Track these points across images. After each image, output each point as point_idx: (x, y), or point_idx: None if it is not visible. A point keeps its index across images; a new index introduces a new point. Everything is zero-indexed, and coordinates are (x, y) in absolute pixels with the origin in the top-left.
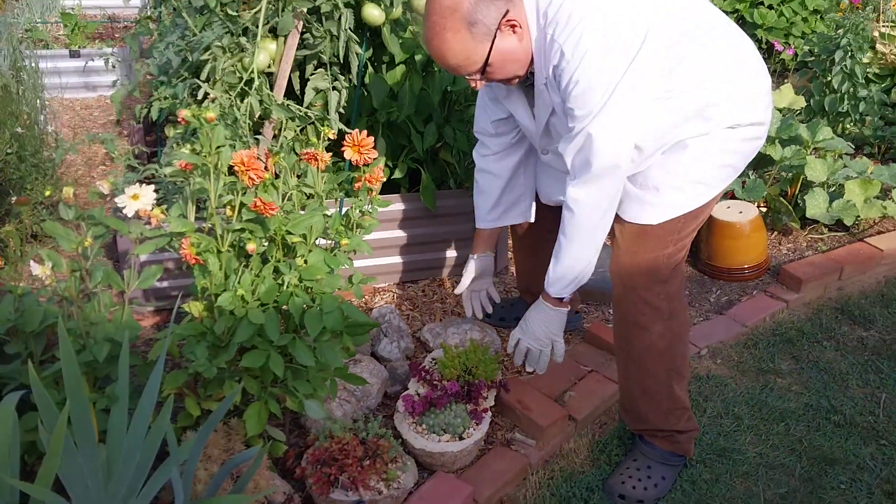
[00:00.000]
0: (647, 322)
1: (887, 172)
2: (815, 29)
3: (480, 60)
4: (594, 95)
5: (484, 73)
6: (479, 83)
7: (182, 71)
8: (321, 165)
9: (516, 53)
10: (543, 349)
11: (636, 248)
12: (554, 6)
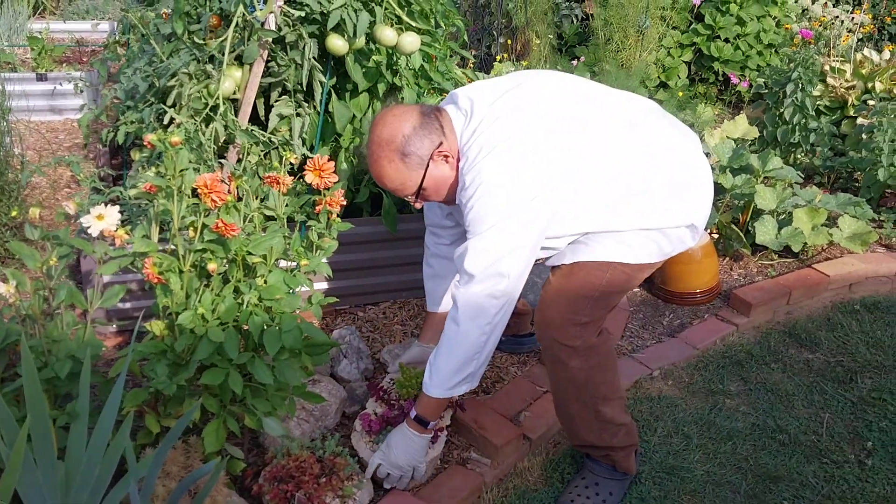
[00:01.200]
0: (565, 357)
1: (834, 201)
2: (770, 62)
3: (414, 186)
4: (482, 224)
5: (419, 196)
6: (417, 203)
7: (149, 96)
8: (283, 189)
9: (449, 180)
10: (405, 475)
11: (563, 283)
12: (469, 143)
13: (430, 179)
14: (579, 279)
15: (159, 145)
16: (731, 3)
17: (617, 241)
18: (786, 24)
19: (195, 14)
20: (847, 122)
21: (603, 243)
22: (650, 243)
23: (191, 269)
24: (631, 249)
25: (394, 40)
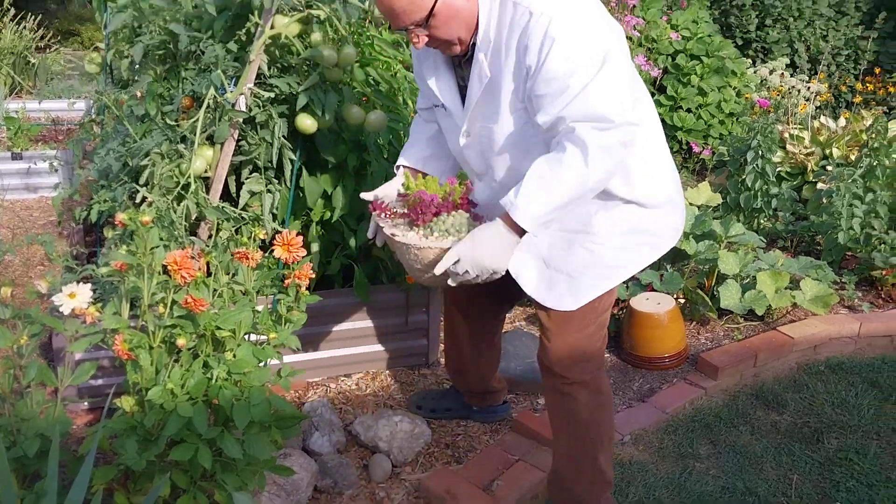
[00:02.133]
0: (574, 392)
1: (796, 264)
2: (732, 131)
3: (426, 8)
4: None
5: (427, 26)
6: (421, 39)
7: (122, 175)
8: (252, 263)
9: (462, 12)
10: (481, 277)
11: (561, 330)
12: None
13: (443, 4)
14: (577, 319)
15: (130, 224)
16: (692, 75)
17: (607, 266)
18: (745, 93)
19: (168, 95)
20: (808, 187)
21: (594, 273)
22: (641, 246)
23: (160, 344)
24: (617, 270)
25: (361, 118)
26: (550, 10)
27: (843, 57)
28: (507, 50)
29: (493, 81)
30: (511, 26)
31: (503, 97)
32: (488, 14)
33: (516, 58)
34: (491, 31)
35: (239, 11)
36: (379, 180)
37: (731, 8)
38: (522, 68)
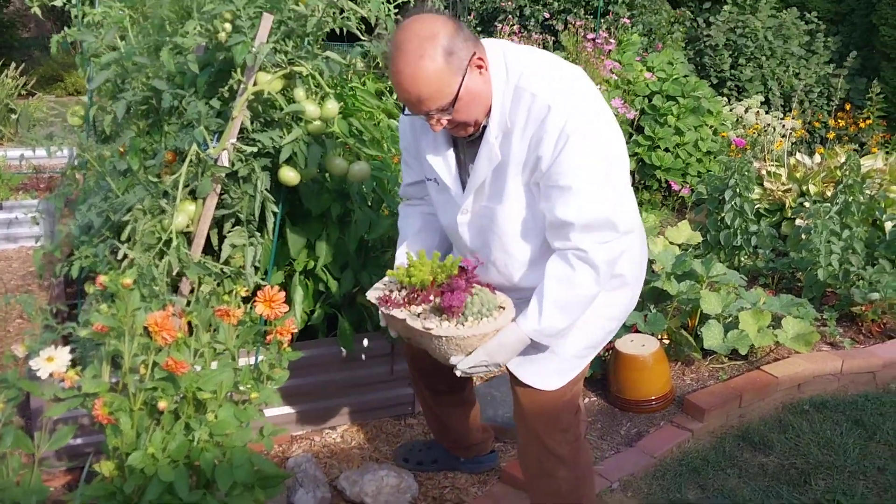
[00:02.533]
0: (552, 468)
1: (778, 303)
2: (710, 168)
3: (452, 94)
4: (595, 168)
5: (451, 111)
6: (440, 123)
7: (104, 230)
8: (233, 321)
9: (482, 95)
10: (490, 369)
11: (537, 398)
12: (516, 60)
13: (465, 91)
14: (552, 391)
15: (111, 286)
16: (669, 115)
17: (588, 347)
18: (722, 132)
19: (150, 150)
20: (787, 224)
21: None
22: (614, 321)
23: (141, 407)
24: (596, 348)
25: (344, 170)
26: (568, 107)
27: (816, 94)
28: (520, 138)
29: (501, 164)
30: (528, 116)
31: (510, 181)
32: (502, 98)
33: (529, 146)
34: (505, 116)
35: (221, 67)
36: (363, 228)
37: (705, 48)
38: (533, 157)
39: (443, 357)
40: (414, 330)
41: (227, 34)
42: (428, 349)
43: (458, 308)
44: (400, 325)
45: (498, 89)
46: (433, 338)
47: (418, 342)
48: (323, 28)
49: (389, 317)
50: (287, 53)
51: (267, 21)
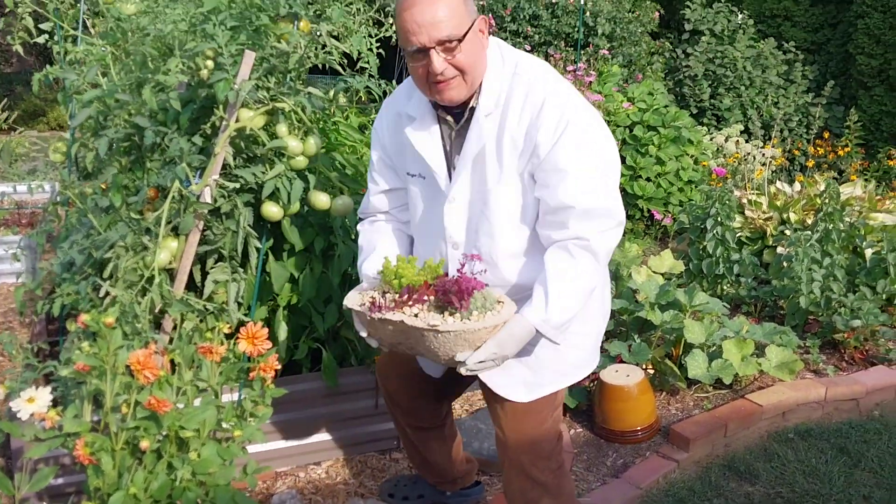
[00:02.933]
0: (536, 498)
1: (761, 331)
2: (691, 197)
3: (465, 28)
4: (594, 158)
5: (456, 48)
6: (440, 63)
7: (86, 268)
8: (216, 358)
9: (480, 58)
10: (497, 364)
11: (517, 425)
12: (511, 52)
13: (470, 38)
14: (533, 413)
15: (93, 325)
16: (650, 145)
17: (569, 364)
18: (703, 161)
19: (133, 187)
20: (768, 252)
21: (554, 369)
22: (597, 348)
23: (123, 446)
24: (576, 369)
25: (327, 204)
26: (566, 98)
27: (795, 122)
28: (517, 121)
29: (496, 146)
30: (525, 101)
31: (504, 163)
32: (496, 81)
33: (526, 134)
34: (500, 98)
35: (204, 104)
36: (346, 262)
37: (685, 78)
38: (530, 144)
39: (445, 356)
40: (409, 332)
41: (210, 71)
42: (424, 352)
43: (468, 301)
44: (387, 331)
45: (492, 69)
46: (437, 336)
47: (409, 348)
48: (305, 65)
49: (375, 323)
50: (269, 90)
51: (249, 58)
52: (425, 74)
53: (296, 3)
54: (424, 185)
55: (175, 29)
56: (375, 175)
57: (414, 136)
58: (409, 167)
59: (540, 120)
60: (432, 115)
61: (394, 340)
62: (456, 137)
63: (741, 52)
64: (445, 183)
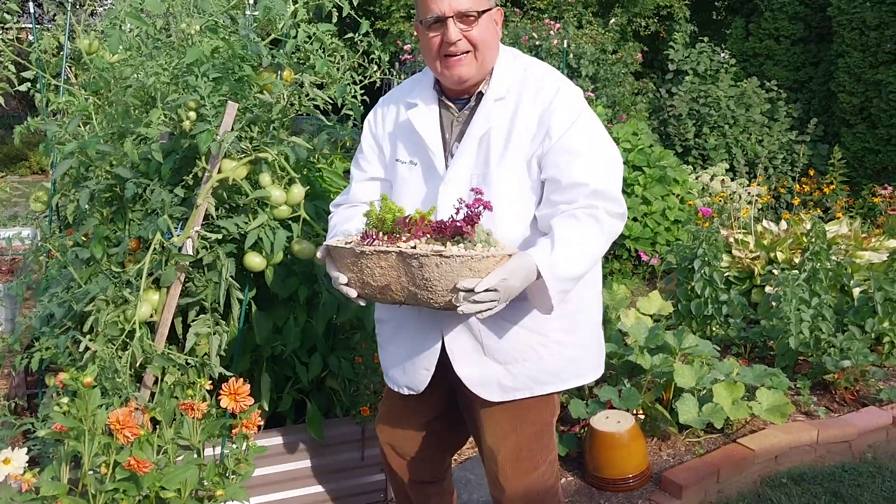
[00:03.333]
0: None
1: (751, 373)
2: (678, 237)
3: (482, 6)
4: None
5: (474, 22)
6: (460, 34)
7: (65, 321)
8: (198, 415)
9: (493, 42)
10: (496, 305)
11: (514, 471)
12: (522, 55)
13: (487, 18)
14: (525, 459)
15: (72, 384)
16: (636, 185)
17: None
18: (689, 200)
19: (114, 238)
20: (756, 291)
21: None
22: (582, 362)
23: None
24: (554, 378)
25: (312, 253)
26: (578, 94)
27: (779, 160)
28: (530, 109)
29: (503, 130)
30: (538, 91)
31: (512, 146)
32: (507, 70)
33: (539, 120)
34: (512, 86)
35: (186, 154)
36: (331, 310)
37: (669, 118)
38: (542, 130)
39: (445, 288)
40: (406, 265)
41: (192, 122)
42: (418, 290)
43: (473, 228)
44: (377, 269)
45: (504, 60)
46: (440, 263)
47: (400, 289)
48: (288, 114)
49: (361, 261)
50: (252, 139)
51: (232, 109)
52: (438, 46)
53: (279, 53)
54: (415, 171)
55: (157, 81)
56: (363, 162)
57: (415, 117)
58: (399, 154)
59: (553, 105)
60: (434, 101)
61: (381, 282)
62: (457, 124)
63: (724, 92)
64: (442, 165)
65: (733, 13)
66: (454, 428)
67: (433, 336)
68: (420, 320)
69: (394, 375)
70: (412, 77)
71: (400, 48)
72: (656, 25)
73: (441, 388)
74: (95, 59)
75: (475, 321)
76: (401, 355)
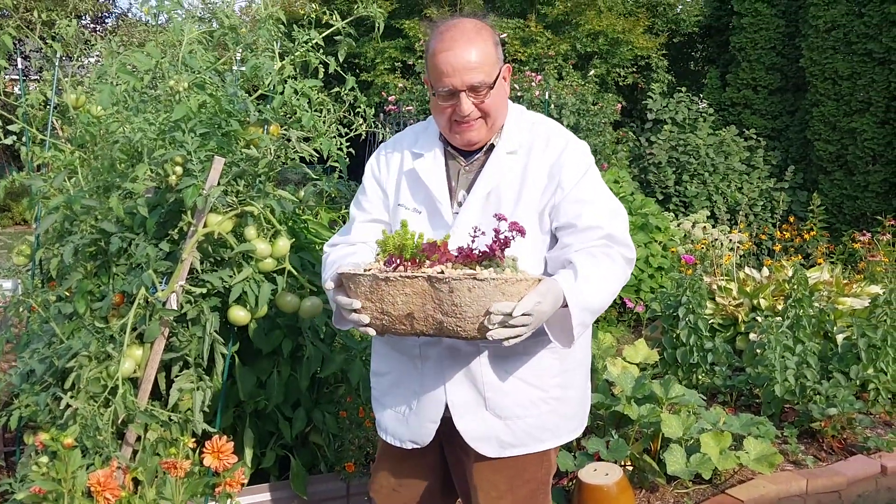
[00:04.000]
0: None
1: (738, 422)
2: (662, 284)
3: (495, 74)
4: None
5: (484, 93)
6: (468, 105)
7: (46, 377)
8: (180, 473)
9: (503, 104)
10: (527, 331)
11: None
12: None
13: (498, 85)
14: (523, 487)
15: (52, 445)
16: None
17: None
18: (671, 247)
19: (98, 292)
20: (741, 338)
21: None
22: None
23: None
24: (551, 435)
25: (297, 306)
26: (586, 149)
27: (760, 207)
28: (539, 162)
29: (515, 183)
30: (547, 145)
31: (524, 200)
32: (515, 126)
33: (550, 173)
34: (522, 140)
35: (172, 208)
36: (315, 364)
37: (649, 166)
38: (553, 183)
39: (476, 314)
40: (434, 292)
41: (178, 177)
42: (444, 317)
43: (503, 252)
44: (400, 297)
45: (512, 116)
46: (473, 287)
47: (423, 319)
48: (275, 168)
49: (383, 287)
50: (238, 193)
51: (218, 164)
52: (450, 114)
53: (266, 108)
54: (420, 218)
55: (144, 136)
56: (365, 203)
57: (421, 167)
58: (403, 200)
59: (563, 159)
60: (441, 151)
61: (403, 311)
62: (464, 173)
63: (703, 140)
64: (449, 214)
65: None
66: (447, 481)
67: (437, 388)
68: (423, 372)
69: (395, 430)
70: (415, 126)
71: (384, 99)
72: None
73: (434, 445)
74: (82, 113)
75: (479, 374)
76: (402, 409)
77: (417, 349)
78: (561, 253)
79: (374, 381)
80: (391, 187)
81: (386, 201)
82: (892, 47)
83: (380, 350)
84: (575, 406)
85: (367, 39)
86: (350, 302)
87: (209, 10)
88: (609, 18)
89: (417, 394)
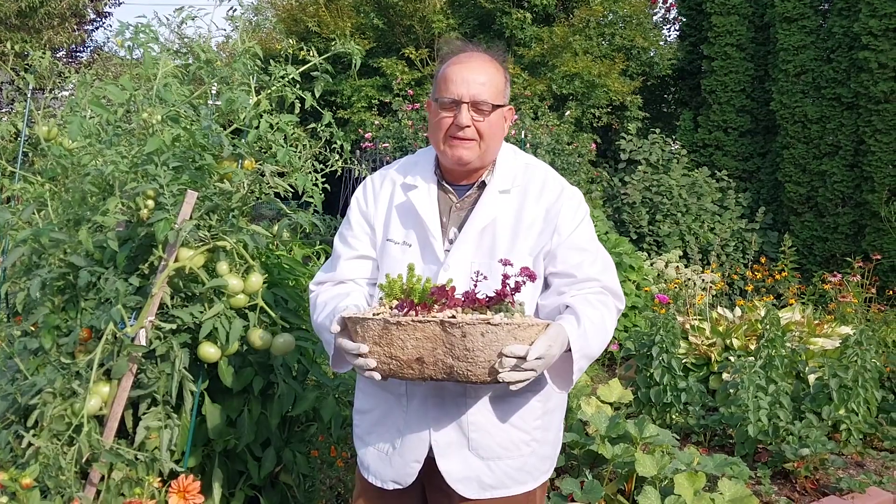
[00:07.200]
0: None
1: (712, 463)
2: (636, 323)
3: (497, 101)
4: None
5: (486, 115)
6: (470, 120)
7: (9, 414)
8: None
9: (499, 137)
10: (534, 374)
11: None
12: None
13: (498, 115)
14: None
15: (10, 485)
16: None
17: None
18: (645, 286)
19: (65, 327)
20: (714, 378)
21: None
22: (546, 460)
23: None
24: (530, 477)
25: (268, 343)
26: (581, 197)
27: (731, 247)
28: (535, 203)
29: (510, 223)
30: (543, 188)
31: (519, 240)
32: (508, 165)
33: (546, 217)
34: (516, 180)
35: (143, 242)
36: (287, 402)
37: (623, 206)
38: (550, 227)
39: (487, 359)
40: (447, 335)
41: (150, 211)
42: (455, 361)
43: (513, 299)
44: (410, 341)
45: (506, 154)
46: (486, 332)
47: (432, 363)
48: (248, 202)
49: (393, 332)
50: (211, 228)
51: (191, 198)
52: (448, 126)
53: (241, 143)
54: (409, 252)
55: (116, 169)
56: (351, 240)
57: (416, 198)
58: (392, 234)
59: (560, 204)
60: (434, 183)
61: (412, 355)
62: (455, 209)
63: (676, 181)
64: (441, 249)
65: (683, 105)
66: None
67: (421, 427)
68: (408, 410)
69: (377, 469)
70: (405, 159)
71: (361, 136)
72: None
73: (416, 486)
74: (54, 145)
75: (464, 415)
76: (385, 447)
77: (403, 387)
78: (556, 300)
79: (358, 419)
80: (379, 221)
81: (373, 237)
82: (859, 92)
83: (364, 388)
84: (551, 447)
85: (344, 77)
86: (357, 346)
87: (186, 45)
88: (585, 61)
89: (402, 432)
